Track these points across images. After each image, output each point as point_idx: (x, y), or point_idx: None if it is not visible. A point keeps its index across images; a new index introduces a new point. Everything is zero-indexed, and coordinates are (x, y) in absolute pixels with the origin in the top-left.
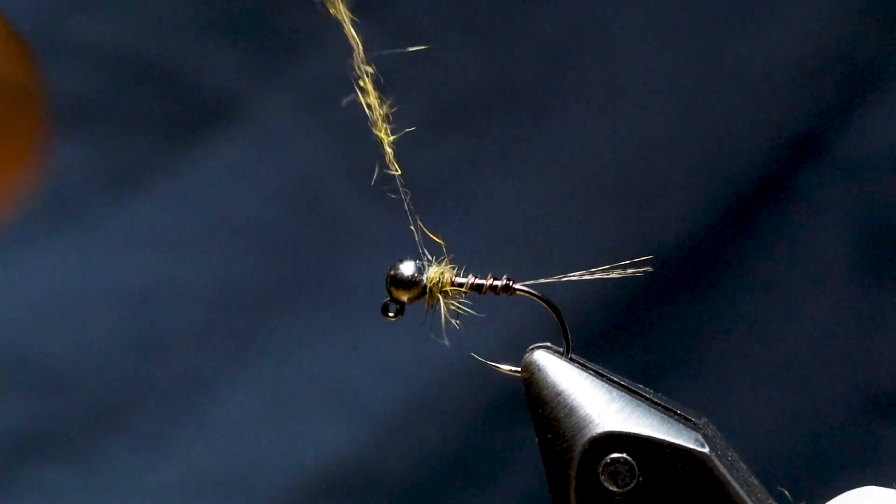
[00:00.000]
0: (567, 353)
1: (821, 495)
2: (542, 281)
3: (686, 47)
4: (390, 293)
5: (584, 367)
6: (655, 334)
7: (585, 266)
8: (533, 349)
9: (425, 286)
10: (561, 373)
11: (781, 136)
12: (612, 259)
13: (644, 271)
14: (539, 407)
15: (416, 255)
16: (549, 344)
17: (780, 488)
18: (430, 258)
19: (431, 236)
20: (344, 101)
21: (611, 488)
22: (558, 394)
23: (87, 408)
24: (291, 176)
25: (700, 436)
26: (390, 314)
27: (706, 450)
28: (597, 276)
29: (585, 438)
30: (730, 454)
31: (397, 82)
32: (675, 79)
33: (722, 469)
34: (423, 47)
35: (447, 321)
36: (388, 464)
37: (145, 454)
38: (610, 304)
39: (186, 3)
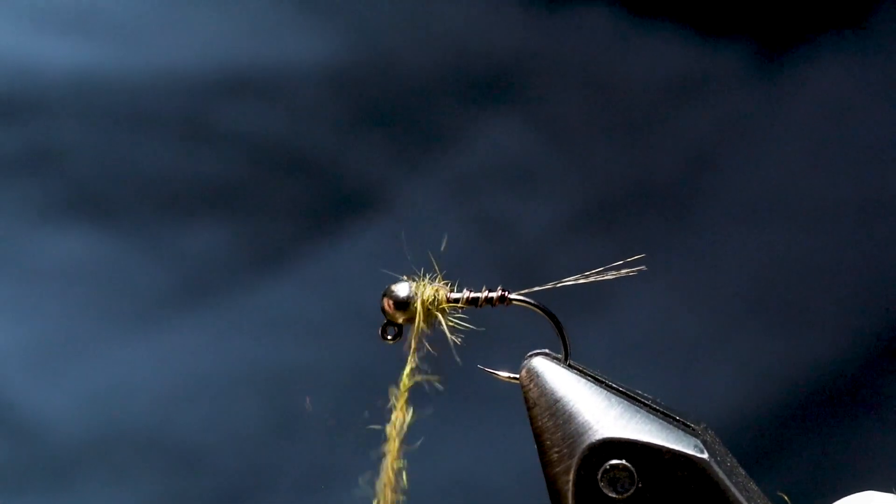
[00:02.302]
0: (565, 360)
1: None
2: (537, 289)
3: (846, 169)
4: (386, 315)
5: (582, 373)
6: (799, 459)
7: (734, 383)
8: (531, 356)
9: (420, 304)
10: (559, 379)
11: None
12: (757, 379)
13: (638, 270)
14: (538, 413)
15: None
16: (547, 350)
17: (779, 493)
18: (422, 277)
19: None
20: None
21: (610, 495)
22: (557, 400)
23: (218, 490)
24: (427, 266)
25: (699, 441)
26: (388, 337)
27: (705, 455)
28: (591, 279)
29: (584, 445)
30: (729, 460)
31: (541, 180)
32: (830, 201)
33: (721, 475)
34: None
35: (449, 337)
36: None
37: None
38: (755, 425)
39: (333, 94)
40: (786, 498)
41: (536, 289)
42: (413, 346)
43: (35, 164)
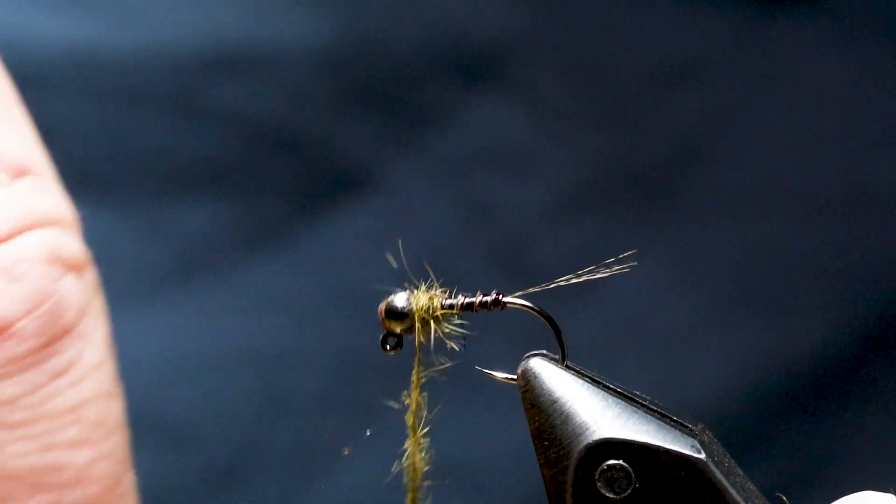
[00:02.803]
0: (563, 361)
1: None
2: (531, 290)
3: (833, 158)
4: (384, 326)
5: (579, 374)
6: (787, 449)
7: (721, 372)
8: (529, 357)
9: (416, 315)
10: (557, 380)
11: None
12: (743, 368)
13: (629, 267)
14: (535, 414)
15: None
16: (545, 351)
17: (778, 494)
18: (417, 286)
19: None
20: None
21: (608, 495)
22: (554, 401)
23: (208, 468)
24: (420, 247)
25: (696, 442)
26: (388, 347)
27: (703, 456)
28: (583, 278)
29: (582, 445)
30: (726, 460)
31: (530, 162)
32: (817, 190)
33: (718, 475)
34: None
35: (449, 343)
36: None
37: None
38: (743, 417)
39: (326, 74)
40: (784, 498)
41: (531, 290)
42: (417, 355)
43: None
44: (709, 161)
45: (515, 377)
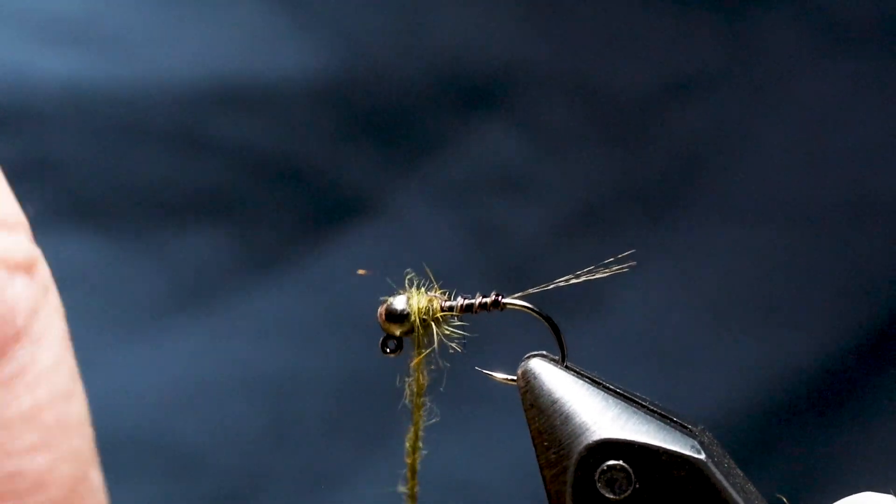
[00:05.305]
0: (562, 362)
1: None
2: (531, 291)
3: (832, 169)
4: (384, 329)
5: (579, 374)
6: (789, 456)
7: (724, 381)
8: (528, 357)
9: (417, 316)
10: (557, 381)
11: None
12: (746, 377)
13: (629, 266)
14: (535, 415)
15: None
16: (544, 352)
17: (778, 495)
18: (416, 288)
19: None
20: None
21: (607, 495)
22: (554, 402)
23: (213, 493)
24: (423, 272)
25: (696, 442)
26: (388, 350)
27: (702, 456)
28: (583, 278)
29: (582, 446)
30: (726, 461)
31: (531, 185)
32: (817, 201)
33: (718, 476)
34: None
35: (448, 346)
36: None
37: None
38: (745, 422)
39: (325, 103)
40: (784, 499)
41: (530, 291)
42: (417, 358)
43: (30, 173)
44: (709, 175)
45: (515, 378)
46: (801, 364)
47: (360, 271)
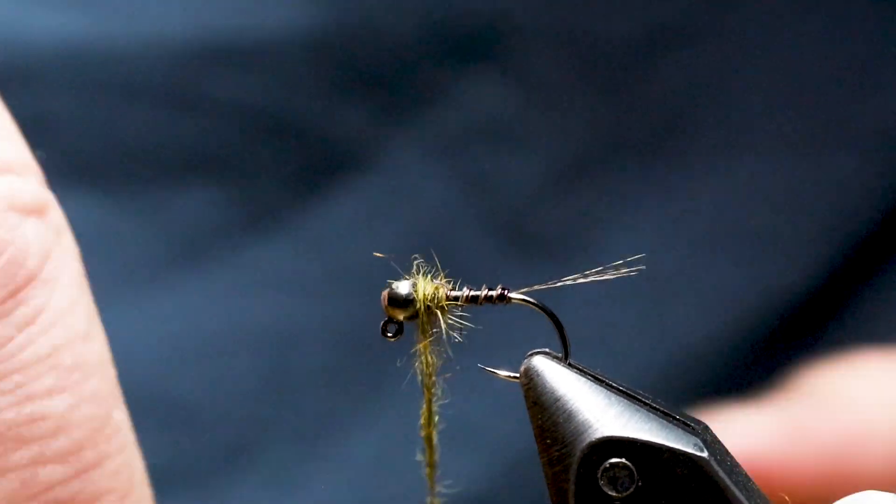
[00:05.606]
0: (565, 359)
1: None
2: (538, 287)
3: (813, 102)
4: (387, 313)
5: (582, 371)
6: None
7: (706, 315)
8: (531, 354)
9: (422, 303)
10: (559, 378)
11: None
12: (730, 307)
13: (637, 270)
14: (538, 412)
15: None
16: (547, 349)
17: (780, 493)
18: (423, 275)
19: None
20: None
21: (610, 493)
22: (557, 399)
23: (216, 445)
24: (418, 224)
25: (699, 440)
26: (389, 334)
27: (705, 454)
28: (591, 278)
29: (584, 443)
30: (729, 459)
31: (524, 136)
32: (798, 134)
33: (721, 474)
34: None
35: (447, 335)
36: (514, 498)
37: (273, 491)
38: (727, 350)
39: (316, 58)
40: (787, 499)
41: (536, 287)
42: (423, 342)
43: (25, 134)
44: (697, 118)
45: (518, 375)
46: (785, 292)
47: (377, 254)
